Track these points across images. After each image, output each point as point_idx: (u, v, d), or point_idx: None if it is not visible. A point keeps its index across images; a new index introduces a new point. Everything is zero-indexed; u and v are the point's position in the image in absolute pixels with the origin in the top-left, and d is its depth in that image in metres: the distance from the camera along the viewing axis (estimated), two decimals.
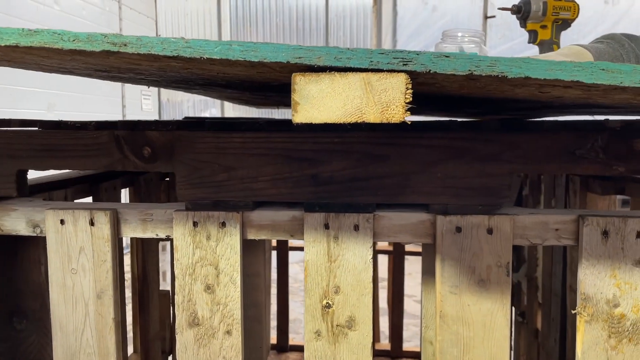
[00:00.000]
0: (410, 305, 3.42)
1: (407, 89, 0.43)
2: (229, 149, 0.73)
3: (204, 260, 0.74)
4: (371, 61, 0.43)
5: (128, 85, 5.56)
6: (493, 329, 0.70)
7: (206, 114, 6.77)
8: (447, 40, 1.19)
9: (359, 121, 0.43)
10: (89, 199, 1.18)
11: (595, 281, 0.69)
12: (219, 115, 6.70)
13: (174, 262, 0.74)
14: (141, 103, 5.95)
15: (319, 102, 0.44)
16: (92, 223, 0.75)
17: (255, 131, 0.73)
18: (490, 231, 0.70)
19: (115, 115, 5.32)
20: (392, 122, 0.43)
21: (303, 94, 0.44)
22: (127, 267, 1.57)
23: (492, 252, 0.70)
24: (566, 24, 1.19)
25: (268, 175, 0.73)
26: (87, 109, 4.72)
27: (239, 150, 0.73)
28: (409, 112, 0.43)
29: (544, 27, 1.18)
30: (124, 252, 2.53)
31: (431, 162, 0.71)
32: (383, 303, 2.85)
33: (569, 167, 0.69)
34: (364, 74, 0.44)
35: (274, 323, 2.49)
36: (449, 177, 0.71)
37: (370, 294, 0.73)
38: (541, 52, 1.20)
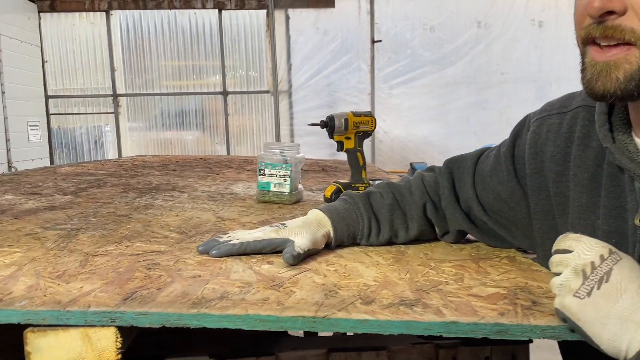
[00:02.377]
0: None
1: (117, 337, 0.57)
2: None
3: None
4: (86, 320, 0.56)
5: (12, 118, 5.32)
6: None
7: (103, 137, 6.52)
8: (267, 151, 1.35)
9: None
10: None
11: None
12: (114, 137, 6.49)
13: None
14: (28, 134, 5.70)
15: (48, 352, 0.56)
16: None
17: None
18: None
19: None
20: None
21: (34, 346, 0.56)
22: None
23: None
24: (367, 134, 1.38)
25: None
26: None
27: None
28: (120, 355, 0.57)
29: (347, 138, 1.36)
30: None
31: None
32: None
33: None
34: (82, 329, 0.56)
35: None
36: None
37: None
38: (348, 158, 1.38)
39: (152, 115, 6.51)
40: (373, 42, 6.37)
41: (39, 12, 6.12)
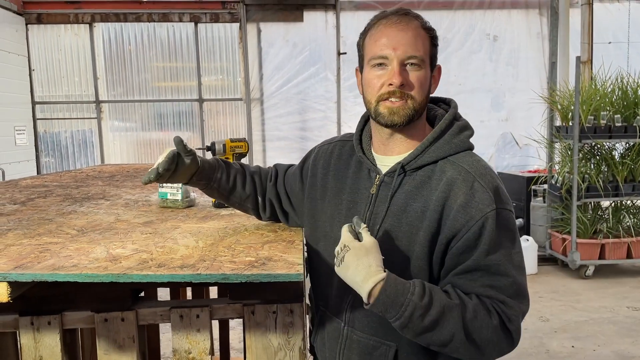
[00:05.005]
0: None
1: (8, 288, 1.01)
2: None
3: None
4: None
5: None
6: None
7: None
8: None
9: None
10: None
11: (179, 341, 1.32)
12: (97, 141, 6.93)
13: None
14: (15, 139, 6.14)
15: None
16: None
17: None
18: (122, 319, 1.31)
19: None
20: (2, 301, 1.01)
21: None
22: None
23: (125, 331, 1.31)
24: (242, 155, 1.83)
25: None
26: None
27: None
28: (10, 298, 1.01)
29: (227, 158, 1.81)
30: None
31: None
32: None
33: None
34: None
35: None
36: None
37: None
38: None
39: (133, 120, 6.96)
40: (339, 54, 6.82)
41: (26, 24, 6.56)
